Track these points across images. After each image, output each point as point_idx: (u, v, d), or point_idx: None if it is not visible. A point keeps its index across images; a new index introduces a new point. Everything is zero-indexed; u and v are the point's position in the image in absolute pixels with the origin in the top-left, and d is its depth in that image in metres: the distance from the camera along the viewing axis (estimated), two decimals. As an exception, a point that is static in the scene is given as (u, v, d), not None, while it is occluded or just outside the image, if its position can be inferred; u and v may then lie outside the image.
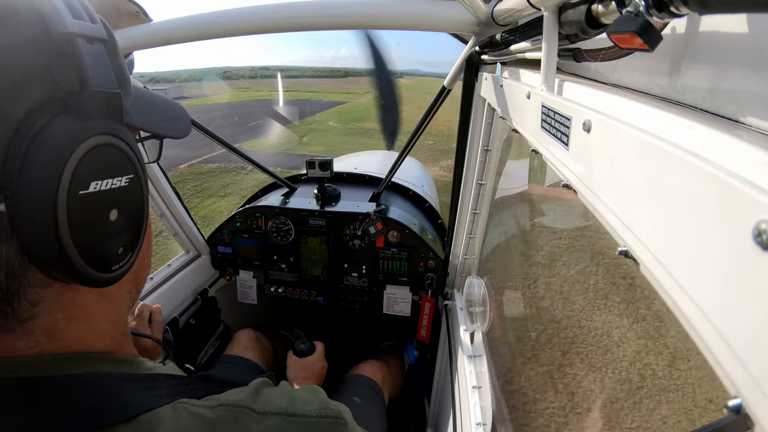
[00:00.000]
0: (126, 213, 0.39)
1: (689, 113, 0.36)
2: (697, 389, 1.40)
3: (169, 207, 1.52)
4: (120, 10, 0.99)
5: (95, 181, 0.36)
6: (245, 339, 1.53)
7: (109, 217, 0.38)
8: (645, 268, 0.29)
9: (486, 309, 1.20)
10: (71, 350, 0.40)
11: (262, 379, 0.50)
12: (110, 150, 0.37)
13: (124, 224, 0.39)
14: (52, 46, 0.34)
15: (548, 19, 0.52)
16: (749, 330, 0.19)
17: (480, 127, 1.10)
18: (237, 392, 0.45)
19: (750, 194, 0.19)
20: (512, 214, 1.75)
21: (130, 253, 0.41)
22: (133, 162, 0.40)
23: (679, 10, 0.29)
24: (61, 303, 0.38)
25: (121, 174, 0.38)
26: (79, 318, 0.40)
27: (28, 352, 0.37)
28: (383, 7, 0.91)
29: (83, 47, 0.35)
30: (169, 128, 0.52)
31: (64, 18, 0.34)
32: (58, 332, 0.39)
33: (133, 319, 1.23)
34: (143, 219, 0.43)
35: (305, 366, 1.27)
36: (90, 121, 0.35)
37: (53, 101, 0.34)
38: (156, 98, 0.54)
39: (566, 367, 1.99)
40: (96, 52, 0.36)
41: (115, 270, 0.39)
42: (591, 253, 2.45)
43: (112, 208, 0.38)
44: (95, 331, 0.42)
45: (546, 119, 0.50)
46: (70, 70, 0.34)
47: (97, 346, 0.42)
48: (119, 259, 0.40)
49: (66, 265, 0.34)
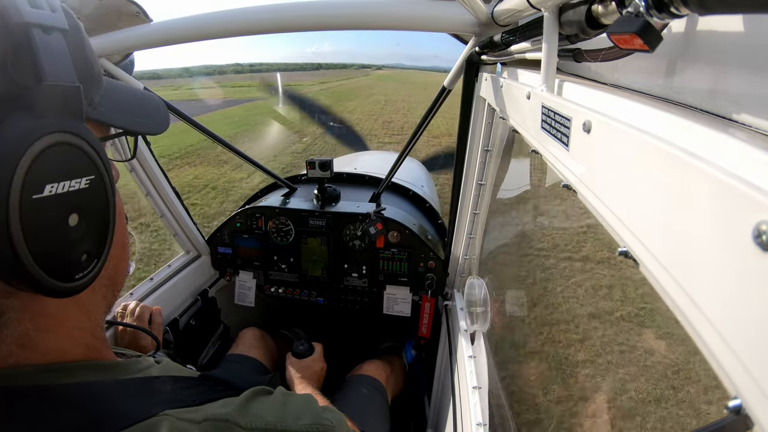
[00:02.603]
0: (88, 217, 0.37)
1: (689, 113, 0.36)
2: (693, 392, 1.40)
3: (169, 207, 1.52)
4: (120, 10, 0.99)
5: (50, 183, 0.33)
6: (251, 338, 1.53)
7: (68, 222, 0.35)
8: (645, 268, 0.29)
9: (486, 309, 1.20)
10: (48, 360, 0.38)
11: (257, 388, 0.48)
12: (67, 149, 0.34)
13: (86, 229, 0.37)
14: (7, 37, 0.31)
15: (548, 20, 0.52)
16: (749, 330, 0.19)
17: (480, 128, 1.10)
18: (227, 404, 0.43)
19: (750, 195, 0.19)
20: (512, 214, 1.74)
21: (96, 260, 0.38)
22: (94, 161, 0.37)
23: (679, 10, 0.29)
24: (28, 312, 0.37)
25: (79, 175, 0.35)
26: (49, 327, 0.38)
27: (4, 362, 0.36)
28: (383, 8, 0.91)
29: (39, 38, 0.32)
30: (142, 124, 0.49)
31: (19, 7, 0.32)
32: (30, 341, 0.37)
33: (133, 320, 1.23)
34: (109, 222, 0.40)
35: (304, 367, 1.27)
36: (44, 118, 0.33)
37: (9, 98, 0.32)
38: (130, 91, 0.51)
39: (567, 366, 2.00)
40: (53, 42, 0.34)
41: (80, 278, 0.37)
42: (591, 253, 2.45)
43: (71, 213, 0.35)
44: (70, 339, 0.40)
45: (546, 120, 0.50)
46: (24, 63, 0.32)
47: (74, 355, 0.40)
48: (83, 267, 0.37)
49: (23, 274, 0.32)
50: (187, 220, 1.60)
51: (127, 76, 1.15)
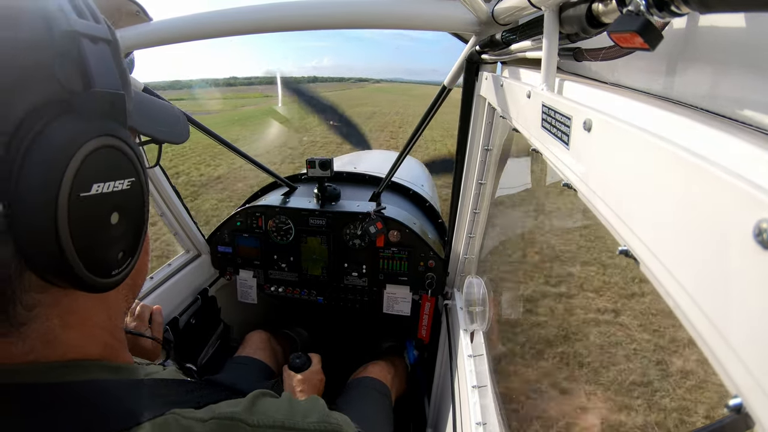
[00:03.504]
0: (127, 217, 0.39)
1: (689, 112, 0.36)
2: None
3: (170, 207, 1.53)
4: (120, 9, 0.99)
5: (97, 183, 0.35)
6: (257, 340, 1.53)
7: (110, 221, 0.37)
8: (645, 267, 0.29)
9: (486, 308, 1.20)
10: (66, 358, 0.39)
11: (261, 390, 0.48)
12: (113, 152, 0.36)
13: (125, 228, 0.39)
14: (56, 44, 0.33)
15: (549, 19, 0.52)
16: (749, 329, 0.19)
17: (480, 127, 1.10)
18: (233, 404, 0.44)
19: (750, 193, 0.19)
20: (512, 214, 1.74)
21: (130, 258, 0.40)
22: (135, 165, 0.39)
23: (679, 9, 0.29)
24: (58, 308, 0.37)
25: (123, 177, 0.38)
26: (75, 323, 0.39)
27: (24, 358, 0.36)
28: (384, 7, 0.91)
29: (87, 47, 0.34)
30: (167, 133, 0.51)
31: (68, 16, 0.33)
32: (55, 338, 0.38)
33: (134, 319, 1.23)
34: (144, 223, 0.42)
35: (303, 380, 1.26)
36: (93, 122, 0.35)
37: (56, 101, 0.33)
38: (155, 102, 0.54)
39: (567, 365, 2.00)
40: (101, 52, 0.36)
41: (115, 275, 0.38)
42: (590, 253, 2.45)
43: (114, 212, 0.37)
44: (91, 337, 0.41)
45: (546, 118, 0.50)
46: (73, 69, 0.34)
47: (91, 353, 0.41)
48: (119, 264, 0.39)
49: (65, 269, 0.33)
50: (187, 220, 1.60)
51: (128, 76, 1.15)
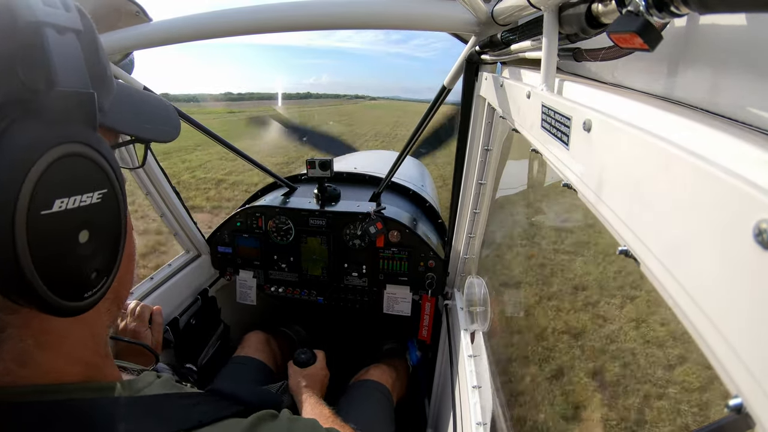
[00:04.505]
0: (99, 233, 0.34)
1: (689, 112, 0.36)
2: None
3: (169, 207, 1.53)
4: (120, 9, 0.99)
5: (60, 198, 0.30)
6: (255, 341, 1.53)
7: (78, 239, 0.32)
8: (645, 267, 0.29)
9: (486, 308, 1.20)
10: (47, 381, 0.36)
11: (263, 412, 0.46)
12: (79, 161, 0.32)
13: (97, 246, 0.34)
14: (18, 37, 0.29)
15: (548, 19, 0.52)
16: (750, 329, 0.19)
17: (480, 127, 1.10)
18: (232, 427, 0.41)
19: (750, 193, 0.19)
20: (512, 214, 1.74)
21: (105, 277, 0.36)
22: (107, 174, 0.34)
23: (679, 9, 0.29)
24: (30, 329, 0.35)
25: (91, 189, 0.33)
26: (52, 344, 0.37)
27: (1, 380, 0.34)
28: (383, 7, 0.91)
29: (53, 38, 0.30)
30: (153, 130, 0.46)
31: (32, 4, 0.29)
32: (30, 359, 0.35)
33: (134, 320, 1.23)
34: (120, 238, 0.37)
35: (307, 375, 1.26)
36: (56, 127, 0.30)
37: (16, 101, 0.29)
38: (143, 97, 0.48)
39: (567, 365, 2.00)
40: (67, 44, 0.31)
41: (88, 297, 0.34)
42: (590, 252, 2.45)
43: (82, 229, 0.33)
44: (70, 358, 0.38)
45: (546, 119, 0.50)
46: (36, 65, 0.29)
47: (72, 374, 0.38)
48: (92, 285, 0.35)
49: (28, 293, 0.30)
50: (187, 220, 1.60)
51: (127, 75, 1.15)
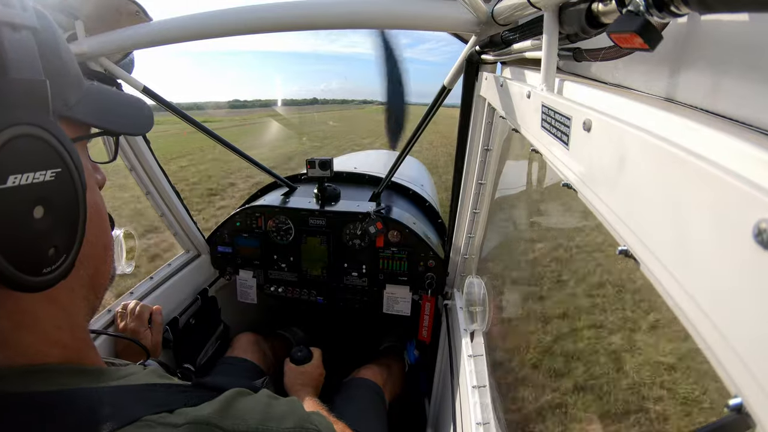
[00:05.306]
0: (54, 210, 0.37)
1: (689, 113, 0.36)
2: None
3: (169, 207, 1.53)
4: (120, 9, 0.99)
5: (14, 174, 0.33)
6: (245, 342, 1.54)
7: (33, 214, 0.35)
8: (645, 267, 0.29)
9: (486, 308, 1.20)
10: (27, 361, 0.38)
11: (238, 388, 0.47)
12: (32, 141, 0.35)
13: (53, 223, 0.37)
14: None
15: (548, 19, 0.52)
16: (750, 329, 0.19)
17: (480, 127, 1.10)
18: (207, 406, 0.42)
19: (750, 193, 0.19)
20: (512, 214, 1.74)
21: (65, 254, 0.38)
22: (60, 155, 0.37)
23: (679, 9, 0.29)
24: (5, 309, 0.37)
25: (44, 167, 0.36)
26: (27, 324, 0.38)
27: None
28: (383, 7, 0.91)
29: (6, 35, 0.33)
30: (122, 124, 0.50)
31: None
32: (10, 339, 0.37)
33: (133, 320, 1.23)
34: (78, 217, 0.40)
35: (303, 373, 1.27)
36: (9, 110, 0.33)
37: None
38: (116, 95, 0.52)
39: (566, 364, 2.00)
40: (21, 39, 0.34)
41: (48, 273, 0.36)
42: (590, 252, 2.45)
43: (36, 205, 0.35)
44: (47, 339, 0.40)
45: (546, 119, 0.50)
46: None
47: (51, 355, 0.40)
48: (51, 261, 0.37)
49: None
50: (187, 219, 1.60)
51: (127, 75, 1.15)
